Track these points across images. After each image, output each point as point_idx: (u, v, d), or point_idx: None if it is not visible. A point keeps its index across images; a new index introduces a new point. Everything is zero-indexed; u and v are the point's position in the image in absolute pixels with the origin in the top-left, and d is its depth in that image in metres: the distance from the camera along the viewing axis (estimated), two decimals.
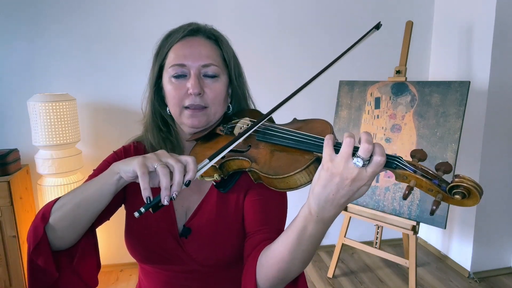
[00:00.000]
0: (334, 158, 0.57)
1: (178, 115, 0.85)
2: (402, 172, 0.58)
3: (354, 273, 2.54)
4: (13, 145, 2.29)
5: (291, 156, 0.68)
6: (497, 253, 2.52)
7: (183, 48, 0.83)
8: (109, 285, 2.36)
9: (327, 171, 0.57)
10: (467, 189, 0.54)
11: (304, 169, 0.64)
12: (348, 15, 2.63)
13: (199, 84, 0.82)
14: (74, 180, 2.13)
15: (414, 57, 2.75)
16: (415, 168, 0.58)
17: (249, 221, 0.83)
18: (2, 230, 2.03)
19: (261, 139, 0.76)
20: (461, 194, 0.54)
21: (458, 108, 2.00)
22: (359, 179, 0.56)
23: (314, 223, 0.60)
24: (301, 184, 0.65)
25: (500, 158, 2.40)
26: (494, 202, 2.44)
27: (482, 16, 2.33)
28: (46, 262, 0.71)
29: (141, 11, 2.35)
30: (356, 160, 0.55)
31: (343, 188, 0.56)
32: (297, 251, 0.63)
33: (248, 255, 0.77)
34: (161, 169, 0.62)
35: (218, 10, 2.44)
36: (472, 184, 0.54)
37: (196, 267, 0.84)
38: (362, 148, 0.55)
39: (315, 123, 0.75)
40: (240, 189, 0.86)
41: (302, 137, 0.69)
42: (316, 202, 0.58)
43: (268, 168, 0.69)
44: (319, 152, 0.64)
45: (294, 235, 0.63)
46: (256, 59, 2.51)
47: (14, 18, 2.21)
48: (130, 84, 2.39)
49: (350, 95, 2.42)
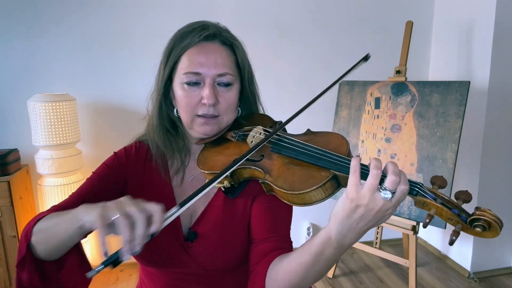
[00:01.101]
0: (360, 189, 0.56)
1: (190, 122, 0.83)
2: (423, 199, 0.58)
3: (354, 273, 2.54)
4: (13, 145, 2.29)
5: (307, 172, 0.67)
6: (497, 253, 2.52)
7: (198, 55, 0.80)
8: (109, 285, 2.36)
9: (352, 202, 0.56)
10: (488, 223, 0.54)
11: (321, 186, 0.63)
12: (348, 15, 2.63)
13: (214, 94, 0.79)
14: (74, 180, 2.13)
15: (414, 57, 2.75)
16: (436, 196, 0.57)
17: (256, 227, 0.82)
18: (2, 230, 2.03)
19: (275, 151, 0.74)
20: (481, 227, 0.54)
21: (458, 108, 2.00)
22: (384, 209, 0.56)
23: (332, 249, 0.60)
24: (316, 200, 0.64)
25: (500, 158, 2.40)
26: (494, 203, 2.44)
27: (482, 16, 2.33)
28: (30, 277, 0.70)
29: (141, 11, 2.35)
30: (384, 194, 0.55)
31: (368, 217, 0.56)
32: (311, 271, 0.64)
33: (256, 263, 0.77)
34: (122, 220, 0.55)
35: (219, 11, 2.44)
36: (493, 218, 0.54)
37: (200, 270, 0.84)
38: (389, 180, 0.55)
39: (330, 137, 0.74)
40: (248, 195, 0.85)
41: (319, 153, 0.67)
42: (338, 230, 0.58)
43: (282, 182, 0.67)
44: (336, 170, 0.63)
45: (310, 256, 0.63)
46: (256, 59, 2.50)
47: (14, 18, 2.21)
48: (130, 84, 2.39)
49: (350, 95, 2.42)
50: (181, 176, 0.88)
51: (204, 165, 0.81)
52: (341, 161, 0.64)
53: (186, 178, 0.89)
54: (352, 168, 0.57)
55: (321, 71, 2.64)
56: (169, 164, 0.90)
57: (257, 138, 0.81)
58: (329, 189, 0.64)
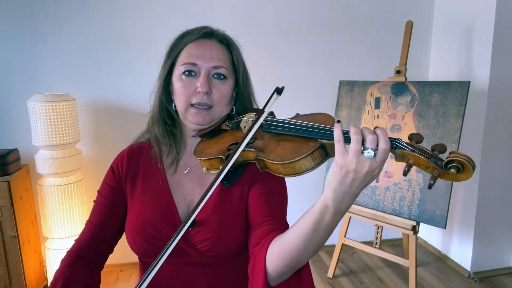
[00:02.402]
0: (346, 155, 0.60)
1: (184, 111, 0.88)
2: (402, 151, 0.62)
3: (354, 273, 2.54)
4: (13, 145, 2.29)
5: (297, 144, 0.72)
6: (497, 253, 2.52)
7: (196, 49, 0.87)
8: (109, 285, 2.36)
9: (342, 168, 0.60)
10: (461, 163, 0.58)
11: (309, 154, 0.67)
12: (348, 15, 2.63)
13: (208, 83, 0.86)
14: (74, 180, 2.13)
15: (414, 57, 2.75)
16: (413, 147, 0.62)
17: (253, 213, 0.86)
18: (2, 230, 2.03)
19: (266, 131, 0.80)
20: (455, 168, 0.58)
21: (458, 108, 2.00)
22: (371, 170, 0.60)
23: (331, 215, 0.64)
24: (306, 169, 0.69)
25: (500, 158, 2.40)
26: (494, 202, 2.44)
27: (482, 16, 2.33)
28: None
29: (141, 12, 2.35)
30: (367, 153, 0.59)
31: (358, 180, 0.60)
32: (311, 241, 0.67)
33: (255, 245, 0.80)
34: None
35: (218, 13, 2.44)
36: (465, 158, 0.58)
37: (200, 258, 0.86)
38: (368, 140, 0.60)
39: (317, 116, 0.79)
40: (244, 183, 0.89)
41: (307, 127, 0.73)
42: (334, 196, 0.62)
43: (274, 155, 0.72)
44: (323, 139, 0.69)
45: (309, 226, 0.66)
46: (255, 60, 2.51)
47: (15, 18, 2.21)
48: (130, 84, 2.39)
49: (350, 95, 2.42)
50: (175, 167, 0.93)
51: (201, 154, 0.85)
52: (326, 130, 0.69)
53: (181, 170, 0.94)
54: (336, 137, 0.62)
55: (321, 71, 2.64)
56: (164, 155, 0.95)
57: (250, 123, 0.86)
58: (318, 158, 0.68)
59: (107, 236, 0.94)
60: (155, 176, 0.93)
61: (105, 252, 0.96)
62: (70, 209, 2.11)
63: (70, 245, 0.95)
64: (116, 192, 0.94)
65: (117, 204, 0.93)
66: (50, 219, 2.09)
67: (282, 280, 0.74)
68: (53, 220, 2.09)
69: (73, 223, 2.13)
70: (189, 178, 0.93)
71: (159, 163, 0.93)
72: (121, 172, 0.94)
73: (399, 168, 2.18)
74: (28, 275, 2.16)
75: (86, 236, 0.92)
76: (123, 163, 0.95)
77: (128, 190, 0.93)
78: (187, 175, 0.93)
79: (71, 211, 2.11)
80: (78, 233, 2.07)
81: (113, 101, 2.40)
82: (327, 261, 2.67)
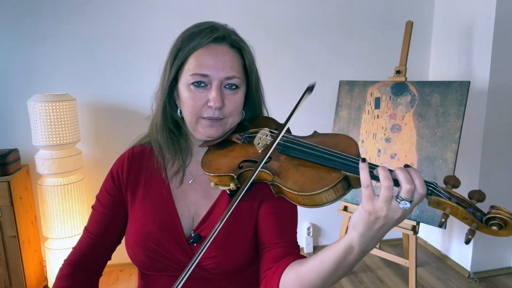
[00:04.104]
0: (376, 201, 0.56)
1: (194, 123, 0.82)
2: (437, 199, 0.57)
3: (354, 273, 2.54)
4: (13, 145, 2.29)
5: (317, 173, 0.66)
6: (497, 253, 2.52)
7: (207, 57, 0.79)
8: (109, 285, 2.36)
9: (371, 215, 0.56)
10: (504, 221, 0.54)
11: (332, 187, 0.62)
12: (348, 16, 2.63)
13: (221, 97, 0.79)
14: (74, 180, 2.13)
15: (414, 57, 2.75)
16: (450, 195, 0.57)
17: (265, 233, 0.81)
18: (2, 230, 2.03)
19: (283, 153, 0.74)
20: (497, 226, 0.55)
21: (458, 108, 1.99)
22: (403, 215, 0.57)
23: (355, 255, 0.61)
24: (327, 202, 0.64)
25: (500, 158, 2.40)
26: (494, 202, 2.43)
27: (482, 16, 2.33)
28: None
29: (142, 12, 2.35)
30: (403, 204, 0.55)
31: (388, 225, 0.57)
32: (331, 278, 0.64)
33: (267, 269, 0.76)
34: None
35: (221, 12, 2.44)
36: (510, 216, 0.54)
37: (203, 274, 0.82)
38: (404, 191, 0.55)
39: (339, 138, 0.73)
40: (254, 199, 0.84)
41: (329, 154, 0.67)
42: (361, 241, 0.59)
43: (292, 184, 0.67)
44: (347, 171, 0.63)
45: (331, 264, 0.63)
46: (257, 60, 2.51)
47: (15, 18, 2.21)
48: (130, 84, 2.39)
49: (350, 95, 2.42)
50: (181, 177, 0.88)
51: (209, 167, 0.80)
52: (351, 161, 0.63)
53: (186, 180, 0.88)
54: (363, 182, 0.57)
55: (321, 71, 2.64)
56: (169, 164, 0.89)
57: (264, 140, 0.80)
58: (340, 190, 0.63)
59: (106, 245, 0.90)
60: (157, 185, 0.87)
61: (103, 260, 0.93)
62: (70, 209, 2.11)
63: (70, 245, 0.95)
64: (116, 202, 0.89)
65: (116, 213, 0.89)
66: (50, 219, 2.09)
67: None
68: (53, 220, 2.09)
69: (73, 223, 2.12)
70: (194, 188, 0.88)
71: (163, 173, 0.88)
72: (121, 179, 0.89)
73: None
74: (28, 275, 2.16)
75: (84, 245, 0.89)
76: (124, 169, 0.89)
77: (129, 198, 0.89)
78: (191, 185, 0.88)
79: (71, 211, 2.11)
80: (78, 233, 2.07)
81: (113, 101, 2.40)
82: None
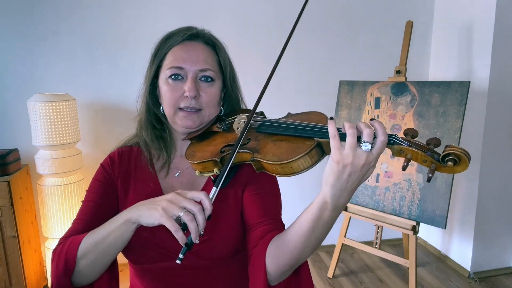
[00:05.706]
0: (342, 150, 0.60)
1: (172, 115, 0.87)
2: (399, 147, 0.63)
3: (354, 273, 2.54)
4: (13, 145, 2.29)
5: (293, 144, 0.72)
6: (497, 253, 2.52)
7: (182, 52, 0.86)
8: None
9: (338, 163, 0.60)
10: (457, 156, 0.60)
11: (307, 153, 0.68)
12: (348, 16, 2.63)
13: (196, 87, 0.85)
14: (74, 180, 2.12)
15: (414, 57, 2.75)
16: (410, 142, 0.63)
17: (249, 214, 0.86)
18: (2, 230, 2.03)
19: (260, 131, 0.79)
20: (452, 161, 0.60)
21: (458, 108, 2.00)
22: (368, 163, 0.60)
23: (329, 211, 0.65)
24: (304, 168, 0.69)
25: (500, 158, 2.40)
26: (494, 202, 2.44)
27: (482, 16, 2.33)
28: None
29: (142, 12, 2.35)
30: (364, 146, 0.60)
31: (355, 174, 0.61)
32: (311, 239, 0.68)
33: (253, 246, 0.79)
34: (186, 217, 0.67)
35: (216, 14, 2.44)
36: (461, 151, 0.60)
37: (195, 261, 0.85)
38: (365, 133, 0.60)
39: (311, 114, 0.80)
40: (238, 184, 0.88)
41: (302, 126, 0.73)
42: (332, 192, 0.62)
43: (271, 156, 0.72)
44: (319, 137, 0.69)
45: (308, 223, 0.67)
46: (253, 60, 2.51)
47: (15, 18, 2.21)
48: (130, 84, 2.39)
49: (350, 95, 2.42)
50: (166, 170, 0.92)
51: (193, 157, 0.84)
52: (321, 128, 0.69)
53: (172, 173, 0.93)
54: (331, 133, 0.62)
55: (321, 71, 2.64)
56: (155, 159, 0.94)
57: (242, 124, 0.85)
58: (315, 156, 0.69)
59: None
60: (146, 179, 0.91)
61: None
62: (70, 209, 2.10)
63: None
64: (108, 187, 0.91)
65: (108, 204, 0.90)
66: (50, 219, 2.09)
67: (282, 279, 0.74)
68: (53, 220, 2.09)
69: None
70: (180, 181, 0.92)
71: (150, 167, 0.92)
72: (112, 170, 0.92)
73: (399, 168, 2.18)
74: (28, 275, 2.16)
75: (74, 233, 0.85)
76: (114, 163, 0.93)
77: (120, 188, 0.91)
78: (178, 178, 0.92)
79: (71, 211, 2.11)
80: None
81: (113, 101, 2.40)
82: (327, 261, 2.67)
